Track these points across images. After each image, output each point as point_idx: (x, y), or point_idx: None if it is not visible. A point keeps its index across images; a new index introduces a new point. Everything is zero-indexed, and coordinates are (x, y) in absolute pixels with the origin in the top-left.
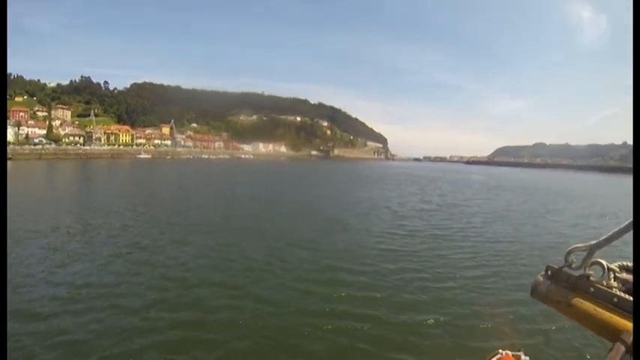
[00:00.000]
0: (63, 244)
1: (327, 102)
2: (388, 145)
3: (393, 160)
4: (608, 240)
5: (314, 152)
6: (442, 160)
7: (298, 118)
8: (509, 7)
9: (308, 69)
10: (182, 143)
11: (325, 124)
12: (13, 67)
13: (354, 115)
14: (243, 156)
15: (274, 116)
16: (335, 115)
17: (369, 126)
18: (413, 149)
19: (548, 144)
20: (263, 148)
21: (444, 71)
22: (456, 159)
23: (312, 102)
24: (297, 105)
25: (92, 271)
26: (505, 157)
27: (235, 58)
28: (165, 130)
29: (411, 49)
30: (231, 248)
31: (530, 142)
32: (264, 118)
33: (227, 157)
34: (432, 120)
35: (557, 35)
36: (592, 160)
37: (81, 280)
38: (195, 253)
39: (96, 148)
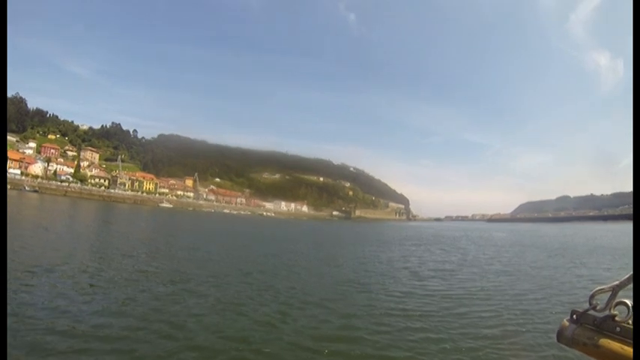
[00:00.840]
0: (74, 279)
1: (350, 162)
2: (410, 206)
3: (415, 220)
4: (631, 279)
5: (335, 212)
6: (464, 218)
7: (321, 179)
8: (526, 60)
9: (331, 129)
10: (204, 196)
11: (347, 184)
12: (50, 107)
13: (376, 177)
14: (264, 213)
15: (297, 175)
16: (357, 176)
17: (392, 187)
18: (434, 209)
19: (572, 196)
20: (285, 206)
21: (465, 130)
22: (478, 217)
23: (335, 163)
24: (321, 165)
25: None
26: (528, 213)
27: (263, 116)
28: (189, 182)
29: (433, 109)
30: (244, 302)
31: (554, 197)
32: (287, 177)
33: (248, 213)
34: (454, 179)
35: (578, 84)
36: (619, 209)
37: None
38: (207, 304)
39: (120, 192)
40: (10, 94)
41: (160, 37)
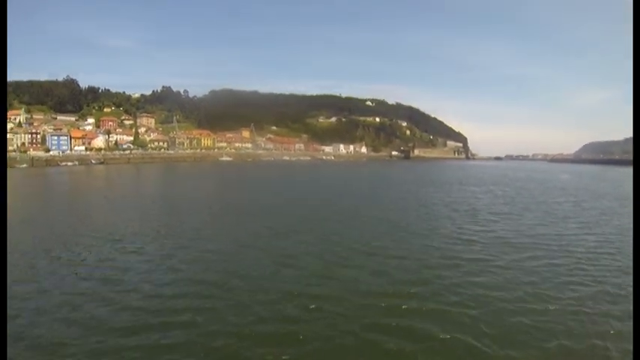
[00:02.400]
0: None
1: (405, 102)
2: (468, 144)
3: (474, 159)
4: None
5: (394, 153)
6: (524, 158)
7: (377, 119)
8: None
9: (382, 68)
10: (263, 146)
11: (404, 124)
12: (100, 82)
13: (432, 115)
14: (324, 157)
15: (353, 117)
16: (413, 115)
17: (448, 125)
18: (494, 147)
19: None
20: (344, 149)
21: (525, 65)
22: (539, 157)
23: (389, 102)
24: (376, 105)
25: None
26: (593, 154)
27: (311, 60)
28: (245, 133)
29: (484, 43)
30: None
31: (621, 137)
32: (344, 120)
33: (308, 158)
34: (513, 116)
35: None
36: None
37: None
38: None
39: (179, 152)
40: (60, 77)
41: None
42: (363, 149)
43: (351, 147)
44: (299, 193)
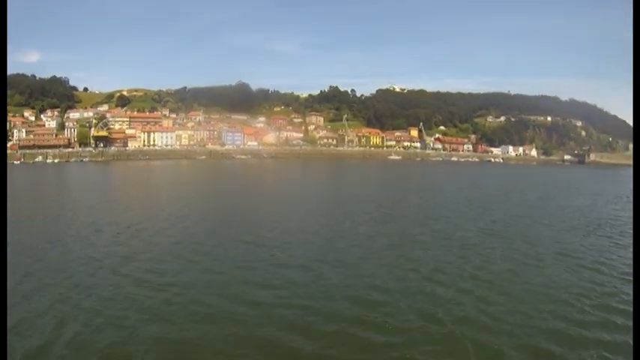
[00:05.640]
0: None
1: (579, 97)
2: None
3: None
4: None
5: (567, 157)
6: None
7: (549, 118)
8: None
9: (552, 61)
10: (431, 145)
11: (579, 123)
12: (271, 85)
13: (612, 112)
14: (492, 160)
15: (522, 117)
16: (590, 113)
17: (631, 124)
18: None
19: None
20: (513, 151)
21: None
22: None
23: (562, 99)
24: (546, 103)
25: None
26: None
27: (475, 55)
28: (413, 132)
29: None
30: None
31: None
32: (512, 119)
33: (476, 160)
34: None
35: None
36: None
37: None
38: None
39: (349, 149)
40: (233, 82)
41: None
42: (533, 152)
43: (520, 149)
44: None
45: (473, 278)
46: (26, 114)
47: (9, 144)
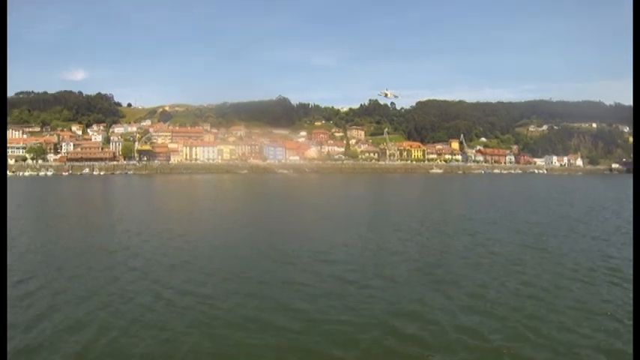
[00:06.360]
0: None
1: (625, 101)
2: None
3: None
4: None
5: (615, 165)
6: None
7: (594, 125)
8: None
9: (594, 62)
10: (473, 158)
11: (626, 129)
12: (309, 98)
13: None
14: (535, 171)
15: (566, 124)
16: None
17: None
18: None
19: None
20: (557, 161)
21: None
22: None
23: (607, 103)
24: (590, 108)
25: None
26: None
27: (513, 62)
28: (454, 145)
29: None
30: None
31: None
32: (555, 128)
33: (519, 172)
34: None
35: None
36: None
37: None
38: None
39: (390, 162)
40: (273, 97)
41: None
42: (579, 161)
43: (565, 159)
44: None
45: (517, 295)
46: (74, 128)
47: (58, 156)
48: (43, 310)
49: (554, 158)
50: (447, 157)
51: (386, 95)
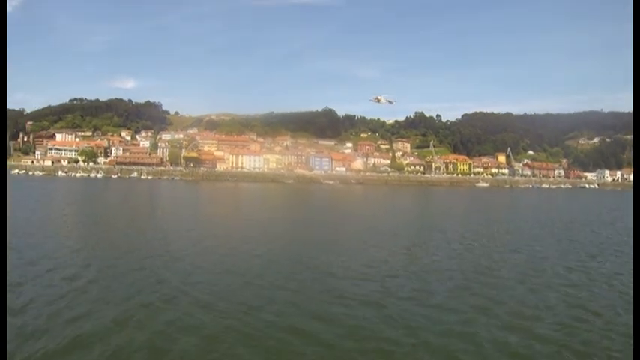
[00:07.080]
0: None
1: None
2: None
3: None
4: None
5: None
6: None
7: None
8: None
9: None
10: (520, 172)
11: None
12: (354, 110)
13: None
14: (586, 186)
15: (618, 137)
16: None
17: None
18: None
19: None
20: (609, 175)
21: None
22: None
23: None
24: None
25: None
26: None
27: (560, 71)
28: (501, 158)
29: None
30: None
31: None
32: (607, 140)
33: (568, 186)
34: None
35: None
36: None
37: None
38: None
39: (435, 176)
40: (319, 107)
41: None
42: (632, 176)
43: (618, 173)
44: None
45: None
46: (123, 134)
47: (108, 159)
48: (92, 304)
49: (607, 172)
50: (493, 170)
51: (378, 100)
